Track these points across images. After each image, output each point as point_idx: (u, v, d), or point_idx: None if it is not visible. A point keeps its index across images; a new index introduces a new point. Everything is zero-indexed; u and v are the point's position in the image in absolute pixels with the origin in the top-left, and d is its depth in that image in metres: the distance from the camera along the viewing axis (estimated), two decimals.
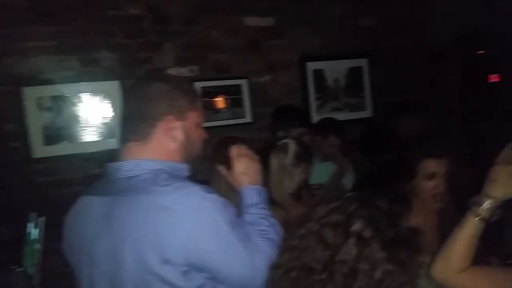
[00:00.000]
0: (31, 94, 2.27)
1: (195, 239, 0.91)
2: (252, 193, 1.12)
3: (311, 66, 2.84)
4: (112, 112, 2.40)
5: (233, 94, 2.64)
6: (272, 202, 1.45)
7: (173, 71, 2.52)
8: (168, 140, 1.04)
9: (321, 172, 2.13)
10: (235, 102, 2.65)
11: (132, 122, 1.04)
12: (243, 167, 1.16)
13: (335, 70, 2.92)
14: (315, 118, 2.75)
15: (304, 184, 1.72)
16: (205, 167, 1.45)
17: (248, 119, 2.67)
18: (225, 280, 0.96)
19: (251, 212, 1.07)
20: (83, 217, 1.05)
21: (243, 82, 2.65)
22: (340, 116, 2.69)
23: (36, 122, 2.29)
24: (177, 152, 1.05)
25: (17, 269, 1.79)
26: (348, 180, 2.27)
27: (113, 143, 2.36)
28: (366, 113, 2.99)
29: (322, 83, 2.88)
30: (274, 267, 0.85)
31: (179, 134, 1.04)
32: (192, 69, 2.60)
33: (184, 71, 2.57)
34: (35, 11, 2.27)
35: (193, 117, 1.08)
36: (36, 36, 2.27)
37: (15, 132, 2.28)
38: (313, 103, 2.85)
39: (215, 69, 2.65)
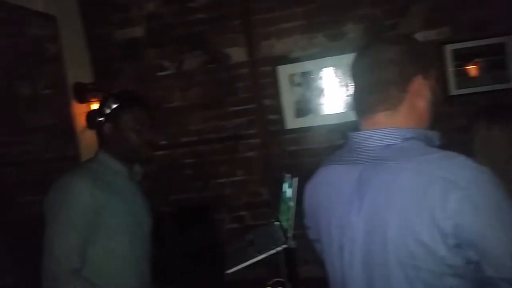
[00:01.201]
0: (284, 72, 2.54)
1: (465, 210, 0.81)
2: None
3: None
4: None
5: (493, 55, 2.24)
6: None
7: (419, 36, 2.34)
8: (419, 103, 0.97)
9: None
10: (495, 64, 2.24)
11: (377, 90, 0.99)
12: None
13: None
14: None
15: None
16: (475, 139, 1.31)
17: None
18: (495, 265, 0.82)
19: None
20: (330, 184, 1.07)
21: (507, 40, 2.21)
22: None
23: (288, 97, 2.56)
24: (426, 115, 0.99)
25: (275, 223, 2.05)
26: None
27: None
28: None
29: None
30: None
31: (428, 94, 0.97)
32: (441, 31, 2.35)
33: (431, 34, 2.35)
34: None
35: (434, 72, 0.99)
36: (288, 18, 2.52)
37: (272, 106, 2.62)
38: None
39: (471, 28, 2.31)
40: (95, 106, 2.71)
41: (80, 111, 2.71)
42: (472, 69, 2.28)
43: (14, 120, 3.13)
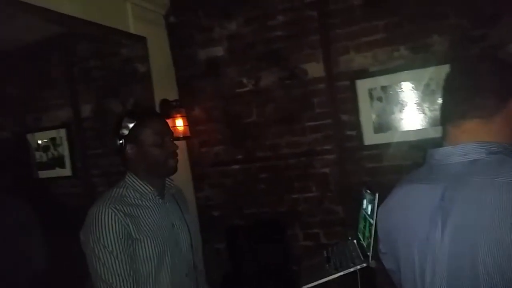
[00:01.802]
0: (363, 86, 2.48)
1: None
2: None
3: None
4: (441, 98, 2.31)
5: None
6: None
7: None
8: None
9: None
10: None
11: (475, 97, 0.95)
12: None
13: None
14: None
15: None
16: None
17: None
18: None
19: None
20: (409, 206, 1.02)
21: None
22: None
23: (367, 112, 2.50)
24: None
25: (353, 241, 1.98)
26: None
27: (439, 131, 2.26)
28: None
29: None
30: None
31: None
32: None
33: None
34: (369, 8, 2.46)
35: None
36: (368, 32, 2.47)
37: (350, 122, 2.56)
38: None
39: None
40: (178, 121, 2.87)
41: None
42: None
43: (106, 134, 3.42)
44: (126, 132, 1.38)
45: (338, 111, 2.58)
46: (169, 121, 2.87)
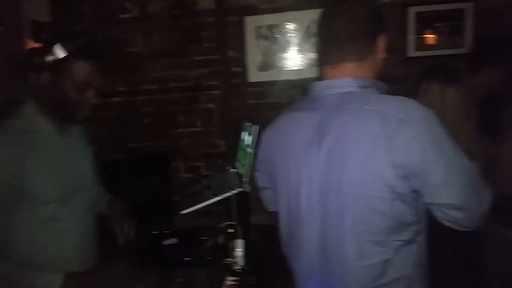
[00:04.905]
0: (251, 24, 2.51)
1: (414, 146, 0.92)
2: None
3: None
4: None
5: (452, 19, 2.32)
6: None
7: None
8: (379, 56, 1.08)
9: None
10: (453, 29, 2.33)
11: (351, 42, 1.05)
12: None
13: None
14: None
15: None
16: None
17: (467, 49, 2.32)
18: (431, 193, 0.96)
19: None
20: (290, 130, 1.13)
21: (467, 6, 2.29)
22: None
23: (253, 49, 2.54)
24: (377, 68, 1.09)
25: (231, 170, 2.07)
26: None
27: (316, 72, 2.43)
28: None
29: None
30: None
31: (384, 50, 1.08)
32: None
33: None
34: None
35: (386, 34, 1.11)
36: None
37: (237, 58, 2.59)
38: None
39: None
40: None
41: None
42: (432, 32, 2.35)
43: None
44: (51, 58, 1.12)
45: (226, 47, 2.58)
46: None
